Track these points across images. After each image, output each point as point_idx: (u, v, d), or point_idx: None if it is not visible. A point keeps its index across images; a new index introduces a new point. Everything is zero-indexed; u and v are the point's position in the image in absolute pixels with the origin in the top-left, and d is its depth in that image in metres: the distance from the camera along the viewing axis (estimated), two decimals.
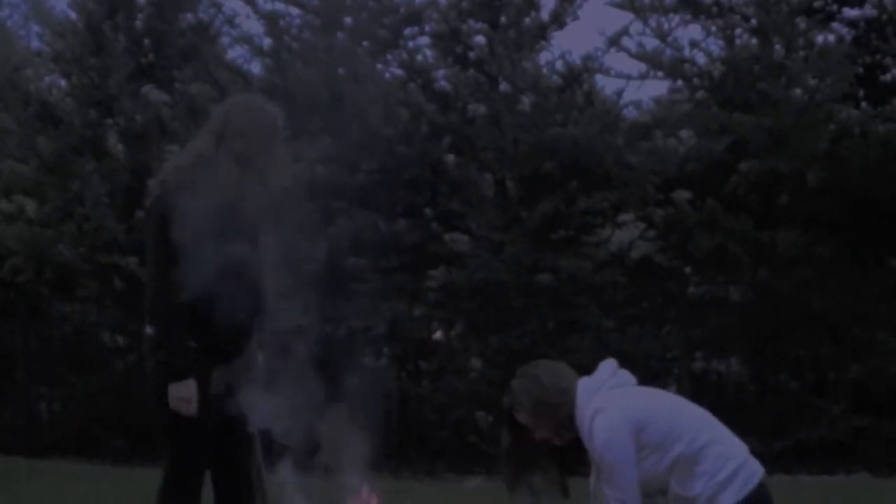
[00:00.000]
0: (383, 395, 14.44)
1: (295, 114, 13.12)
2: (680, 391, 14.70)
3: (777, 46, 14.79)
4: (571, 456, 5.21)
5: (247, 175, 5.90)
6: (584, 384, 5.17)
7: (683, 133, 15.96)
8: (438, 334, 15.23)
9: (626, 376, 5.20)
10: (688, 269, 15.56)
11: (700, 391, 13.74)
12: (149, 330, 5.92)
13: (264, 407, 5.85)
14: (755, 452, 4.98)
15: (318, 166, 13.90)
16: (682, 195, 15.12)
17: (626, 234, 15.82)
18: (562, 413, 5.09)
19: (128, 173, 14.81)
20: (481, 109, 15.06)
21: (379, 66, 15.37)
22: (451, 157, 15.02)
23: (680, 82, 15.36)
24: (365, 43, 15.23)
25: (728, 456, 4.98)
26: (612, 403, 5.00)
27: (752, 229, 14.27)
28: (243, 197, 5.88)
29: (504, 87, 14.82)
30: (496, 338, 14.27)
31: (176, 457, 5.99)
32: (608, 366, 5.23)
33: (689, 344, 14.57)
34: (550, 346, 13.45)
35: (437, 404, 14.69)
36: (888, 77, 15.57)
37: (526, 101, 14.90)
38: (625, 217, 15.55)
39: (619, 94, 15.36)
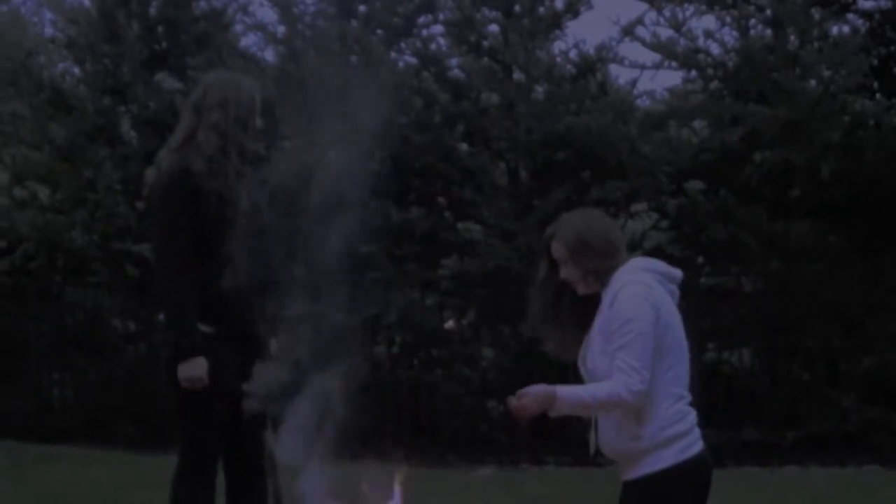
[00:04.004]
0: (393, 383, 14.49)
1: (308, 101, 13.17)
2: (690, 382, 14.70)
3: (791, 37, 14.75)
4: (586, 308, 5.08)
5: (226, 147, 5.96)
6: (640, 258, 5.11)
7: (697, 123, 15.96)
8: (450, 323, 15.23)
9: (676, 290, 5.11)
10: (700, 260, 15.54)
11: (711, 382, 13.73)
12: (161, 316, 5.97)
13: (276, 393, 5.87)
14: (767, 443, 4.98)
15: (331, 154, 13.90)
16: (696, 185, 15.13)
17: (639, 224, 15.80)
18: (597, 262, 4.97)
19: (141, 160, 14.79)
20: (495, 98, 15.05)
21: (392, 54, 15.36)
22: (464, 146, 15.03)
23: (694, 72, 15.34)
24: (379, 31, 15.23)
25: (685, 414, 4.95)
26: (652, 287, 4.93)
27: (765, 220, 14.26)
28: (228, 172, 5.94)
29: (518, 75, 14.81)
30: (508, 327, 14.28)
31: (191, 443, 6.03)
32: (674, 269, 5.14)
33: (701, 335, 14.53)
34: None
35: (448, 393, 14.70)
36: None
37: (539, 90, 14.90)
38: (638, 207, 15.53)
39: (633, 83, 15.36)
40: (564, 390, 4.82)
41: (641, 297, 4.86)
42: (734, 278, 15.43)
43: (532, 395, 4.81)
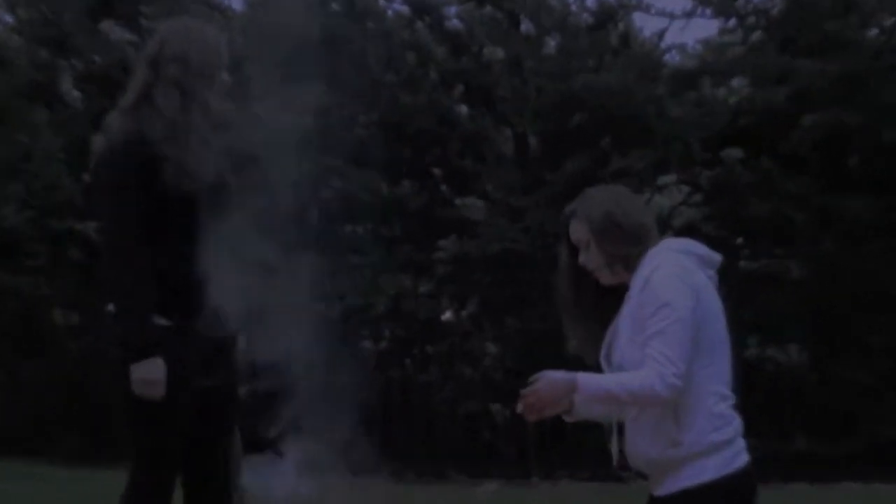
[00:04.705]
0: (381, 383, 14.50)
1: (283, 57, 13.16)
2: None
3: None
4: (611, 301, 5.02)
5: (188, 105, 5.92)
6: (673, 239, 5.05)
7: (736, 81, 15.95)
8: (448, 314, 15.27)
9: (714, 276, 5.05)
10: (739, 240, 15.57)
11: (753, 382, 13.75)
12: (111, 307, 5.93)
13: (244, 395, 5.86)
14: (819, 455, 4.91)
15: (309, 118, 13.88)
16: (734, 154, 15.12)
17: (668, 199, 15.84)
18: (625, 248, 4.91)
19: (86, 124, 14.76)
20: (499, 53, 15.06)
21: (381, 1, 15.36)
22: (463, 109, 15.04)
23: (732, 21, 15.33)
24: None
25: (730, 419, 4.91)
26: (690, 270, 4.88)
27: (815, 194, 14.26)
28: (190, 137, 5.91)
29: (526, 26, 14.82)
30: (514, 318, 14.30)
31: (144, 457, 5.99)
32: (713, 252, 5.09)
33: (741, 327, 14.49)
34: None
35: (446, 395, 14.74)
36: None
37: (551, 44, 14.91)
38: (666, 179, 15.59)
39: (661, 35, 15.38)
40: (587, 378, 4.73)
41: (679, 279, 4.79)
42: (779, 261, 15.45)
43: (547, 381, 4.73)
